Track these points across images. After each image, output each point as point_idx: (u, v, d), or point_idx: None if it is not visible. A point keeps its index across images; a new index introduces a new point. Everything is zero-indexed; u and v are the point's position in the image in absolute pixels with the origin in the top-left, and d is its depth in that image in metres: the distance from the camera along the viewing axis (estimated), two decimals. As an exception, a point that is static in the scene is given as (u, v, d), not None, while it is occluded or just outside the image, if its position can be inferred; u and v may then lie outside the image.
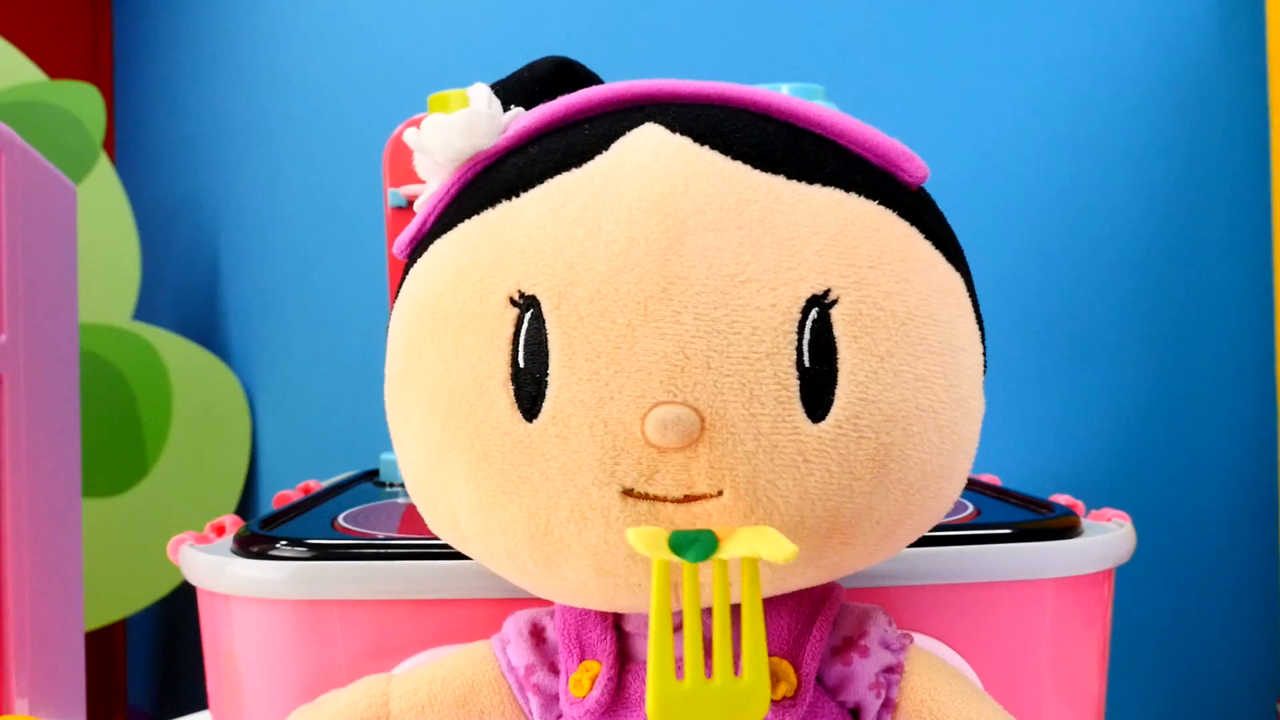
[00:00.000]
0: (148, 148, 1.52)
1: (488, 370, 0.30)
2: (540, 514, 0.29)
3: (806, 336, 0.28)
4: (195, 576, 0.45)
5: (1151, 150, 0.75)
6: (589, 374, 0.28)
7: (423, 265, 0.33)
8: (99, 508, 1.22)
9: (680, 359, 0.28)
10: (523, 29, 1.04)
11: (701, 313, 0.28)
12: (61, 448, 0.69)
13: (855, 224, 0.30)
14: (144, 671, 1.50)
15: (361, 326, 1.11)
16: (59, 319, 0.69)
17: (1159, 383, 0.75)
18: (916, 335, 0.29)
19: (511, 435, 0.29)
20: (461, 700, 0.35)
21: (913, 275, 0.30)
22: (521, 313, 0.29)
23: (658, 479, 0.28)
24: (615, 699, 0.33)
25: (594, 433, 0.28)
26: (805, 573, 0.31)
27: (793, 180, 0.30)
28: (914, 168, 0.32)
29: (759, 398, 0.28)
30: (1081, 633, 0.45)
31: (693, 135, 0.31)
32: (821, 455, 0.28)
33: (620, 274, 0.28)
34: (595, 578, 0.30)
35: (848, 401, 0.28)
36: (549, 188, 0.31)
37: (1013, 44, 0.79)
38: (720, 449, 0.28)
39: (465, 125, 0.32)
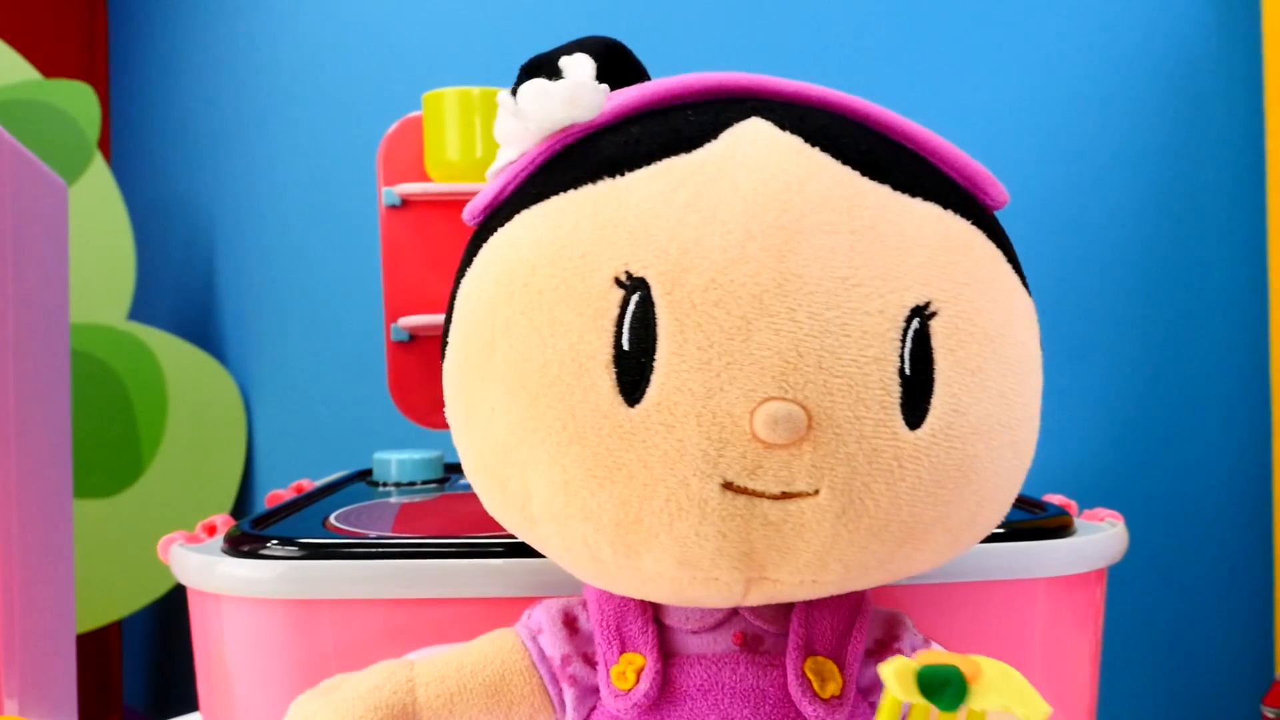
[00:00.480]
0: (143, 147, 1.51)
1: (589, 350, 0.29)
2: (633, 501, 0.29)
3: (908, 345, 0.29)
4: (185, 576, 0.45)
5: (1147, 151, 0.74)
6: (700, 363, 0.28)
7: (508, 234, 0.32)
8: (94, 508, 1.22)
9: (794, 356, 0.28)
10: (518, 28, 1.04)
11: (815, 312, 0.28)
12: (53, 448, 0.69)
13: (953, 240, 0.31)
14: (139, 672, 1.50)
15: (357, 326, 1.10)
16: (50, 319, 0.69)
17: (1154, 383, 0.75)
18: (1002, 353, 0.30)
19: (611, 419, 0.29)
20: (492, 689, 0.35)
21: (1000, 295, 0.31)
22: (628, 294, 0.29)
23: (760, 474, 0.28)
24: (662, 694, 0.33)
25: (701, 423, 0.28)
26: (875, 576, 0.31)
27: (897, 191, 0.31)
28: (996, 192, 0.33)
29: (865, 401, 0.28)
30: (1074, 632, 0.45)
31: (803, 135, 0.31)
32: (915, 462, 0.29)
33: (737, 265, 0.28)
34: (676, 569, 0.30)
35: (942, 412, 0.29)
36: (657, 170, 0.30)
37: (1008, 46, 0.79)
38: (824, 449, 0.28)
39: (569, 95, 0.32)
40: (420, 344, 0.68)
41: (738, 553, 0.29)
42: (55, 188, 0.72)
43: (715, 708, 0.33)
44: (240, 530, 0.46)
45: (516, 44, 1.04)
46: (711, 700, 0.33)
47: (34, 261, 0.65)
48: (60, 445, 0.71)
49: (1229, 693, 0.73)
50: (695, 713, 0.33)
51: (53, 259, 0.70)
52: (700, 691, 0.33)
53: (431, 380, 0.70)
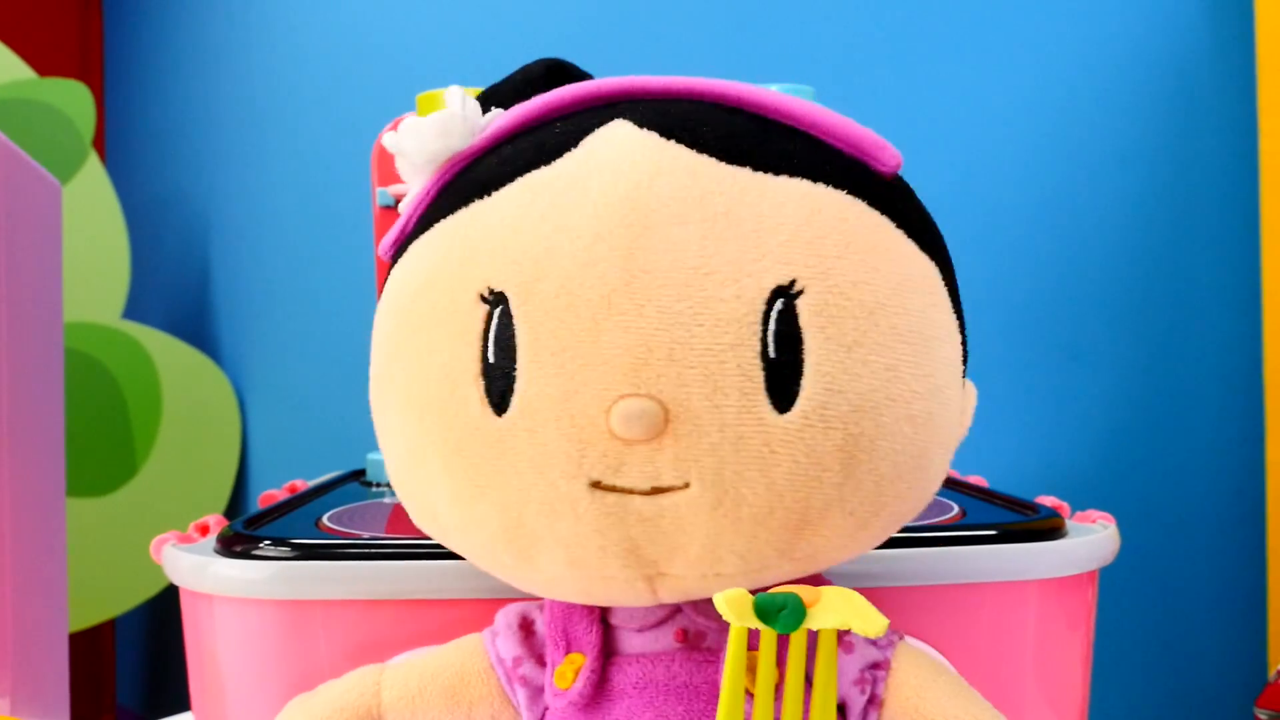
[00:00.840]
0: (137, 146, 1.51)
1: (459, 366, 0.30)
2: (512, 507, 0.30)
3: (772, 327, 0.28)
4: (177, 576, 0.45)
5: (1140, 153, 0.75)
6: (555, 368, 0.28)
7: (401, 266, 0.34)
8: (88, 507, 1.21)
9: (643, 351, 0.28)
10: (512, 28, 1.04)
11: (665, 305, 0.28)
12: (45, 447, 0.69)
13: (822, 214, 0.30)
14: (133, 671, 1.50)
15: (351, 325, 1.10)
16: (43, 318, 0.69)
17: (1147, 384, 0.75)
18: (886, 324, 0.29)
19: (483, 430, 0.29)
20: (450, 691, 0.36)
21: (882, 264, 0.30)
22: (491, 309, 0.30)
23: (624, 471, 0.28)
24: (597, 691, 0.34)
25: (560, 426, 0.28)
26: (780, 565, 0.31)
27: (760, 172, 0.30)
28: (886, 156, 0.32)
29: (723, 389, 0.28)
30: (1065, 634, 0.45)
31: (660, 130, 0.31)
32: (788, 446, 0.28)
33: (585, 269, 0.29)
34: (569, 570, 0.30)
35: (814, 392, 0.28)
36: (519, 186, 0.31)
37: (1001, 47, 0.79)
38: (685, 441, 0.28)
39: (440, 127, 0.33)
40: (414, 344, 0.68)
41: (621, 550, 0.29)
42: (49, 187, 0.72)
43: (650, 705, 0.33)
44: (233, 530, 0.46)
45: (511, 45, 1.04)
46: (647, 697, 0.33)
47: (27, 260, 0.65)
48: (53, 444, 0.71)
49: (1222, 694, 0.73)
50: (631, 710, 0.33)
51: (46, 258, 0.70)
52: (636, 689, 0.33)
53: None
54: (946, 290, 0.33)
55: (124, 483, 1.25)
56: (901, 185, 0.33)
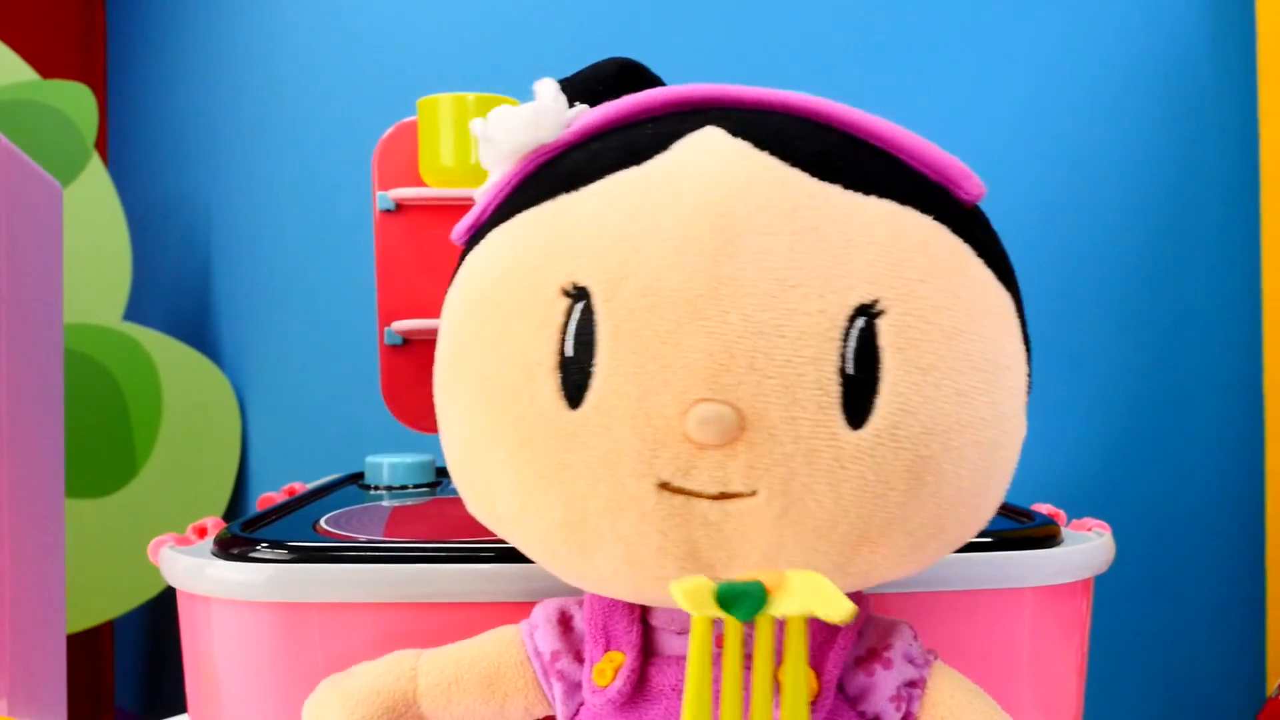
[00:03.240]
0: (140, 148, 1.51)
1: (535, 357, 0.30)
2: (577, 501, 0.30)
3: (852, 344, 0.29)
4: (174, 578, 0.45)
5: (1141, 159, 0.75)
6: (634, 366, 0.29)
7: (478, 253, 0.34)
8: (88, 508, 1.21)
9: (725, 358, 0.28)
10: (513, 33, 1.04)
11: (749, 314, 0.28)
12: (45, 448, 0.69)
13: (908, 237, 0.30)
14: (131, 673, 1.50)
15: (352, 328, 1.10)
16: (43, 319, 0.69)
17: (1146, 392, 0.75)
18: (961, 351, 0.30)
19: (555, 422, 0.30)
20: (487, 681, 0.36)
21: (961, 291, 0.31)
22: (573, 303, 0.30)
23: (694, 474, 0.29)
24: (637, 690, 0.34)
25: (635, 424, 0.29)
26: (835, 580, 0.30)
27: (849, 190, 0.30)
28: (970, 185, 0.33)
29: (800, 401, 0.28)
30: (1060, 641, 0.45)
31: (753, 140, 0.31)
32: (858, 463, 0.29)
33: (672, 271, 0.29)
34: (626, 568, 0.31)
35: (888, 411, 0.29)
36: (608, 183, 0.31)
37: (1003, 54, 0.80)
38: (758, 449, 0.28)
39: (530, 118, 0.33)
40: (414, 348, 0.69)
41: (681, 552, 0.30)
42: (50, 189, 0.72)
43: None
44: (230, 533, 0.46)
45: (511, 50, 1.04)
46: None
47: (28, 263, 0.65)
48: (53, 446, 0.71)
49: (1221, 704, 0.73)
50: (669, 711, 0.33)
51: (47, 261, 0.70)
52: (675, 691, 0.33)
53: (424, 384, 0.70)
54: (1018, 320, 0.33)
55: (124, 484, 1.25)
56: (981, 214, 0.34)
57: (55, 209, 0.73)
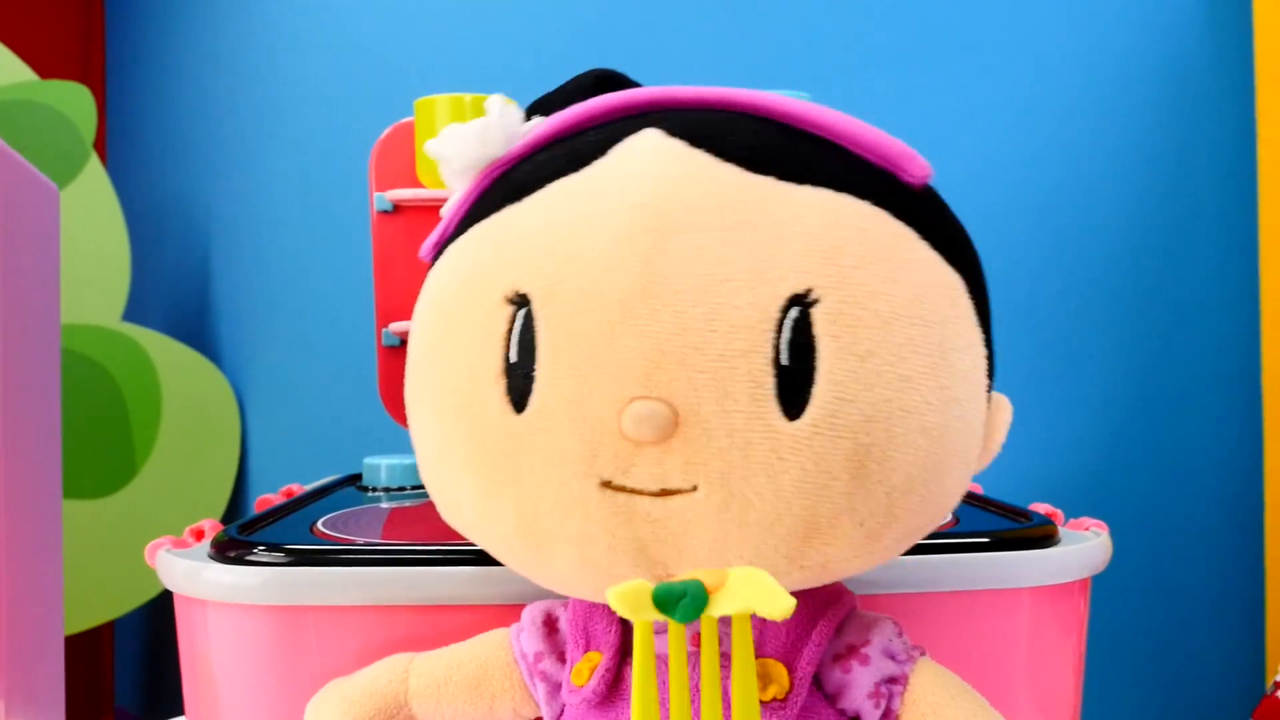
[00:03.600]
0: (138, 148, 1.51)
1: (483, 365, 0.31)
2: (528, 504, 0.30)
3: (785, 335, 0.29)
4: (171, 581, 0.45)
5: (1138, 160, 0.75)
6: (571, 369, 0.29)
7: (438, 268, 0.35)
8: (87, 509, 1.21)
9: (656, 355, 0.28)
10: (510, 35, 1.04)
11: (680, 310, 0.28)
12: (43, 449, 0.69)
13: (843, 224, 0.30)
14: (131, 674, 1.50)
15: (351, 329, 1.10)
16: (40, 321, 0.69)
17: (1145, 391, 0.75)
18: (902, 335, 0.29)
19: (502, 427, 0.30)
20: (474, 682, 0.37)
21: (900, 275, 0.30)
22: (516, 310, 0.30)
23: (634, 472, 0.29)
24: (612, 689, 0.34)
25: (574, 426, 0.29)
26: (790, 574, 0.31)
27: (784, 181, 0.30)
28: (915, 167, 0.32)
29: (733, 395, 0.28)
30: (1058, 641, 0.45)
31: (687, 138, 0.31)
32: (797, 453, 0.29)
33: (606, 273, 0.29)
34: (580, 569, 0.31)
35: (825, 400, 0.29)
36: (548, 192, 0.32)
37: (1000, 53, 0.79)
38: (694, 444, 0.28)
39: (478, 134, 0.34)
40: (411, 349, 0.68)
41: (631, 550, 0.30)
42: (46, 191, 0.72)
43: (665, 705, 0.33)
44: (227, 536, 0.46)
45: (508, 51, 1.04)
46: (662, 698, 0.32)
47: (24, 264, 0.65)
48: (50, 447, 0.71)
49: (1220, 702, 0.73)
50: None
51: (44, 262, 0.70)
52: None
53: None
54: (973, 303, 0.32)
55: (123, 485, 1.25)
56: (931, 196, 0.33)
57: (52, 211, 0.73)
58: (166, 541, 0.47)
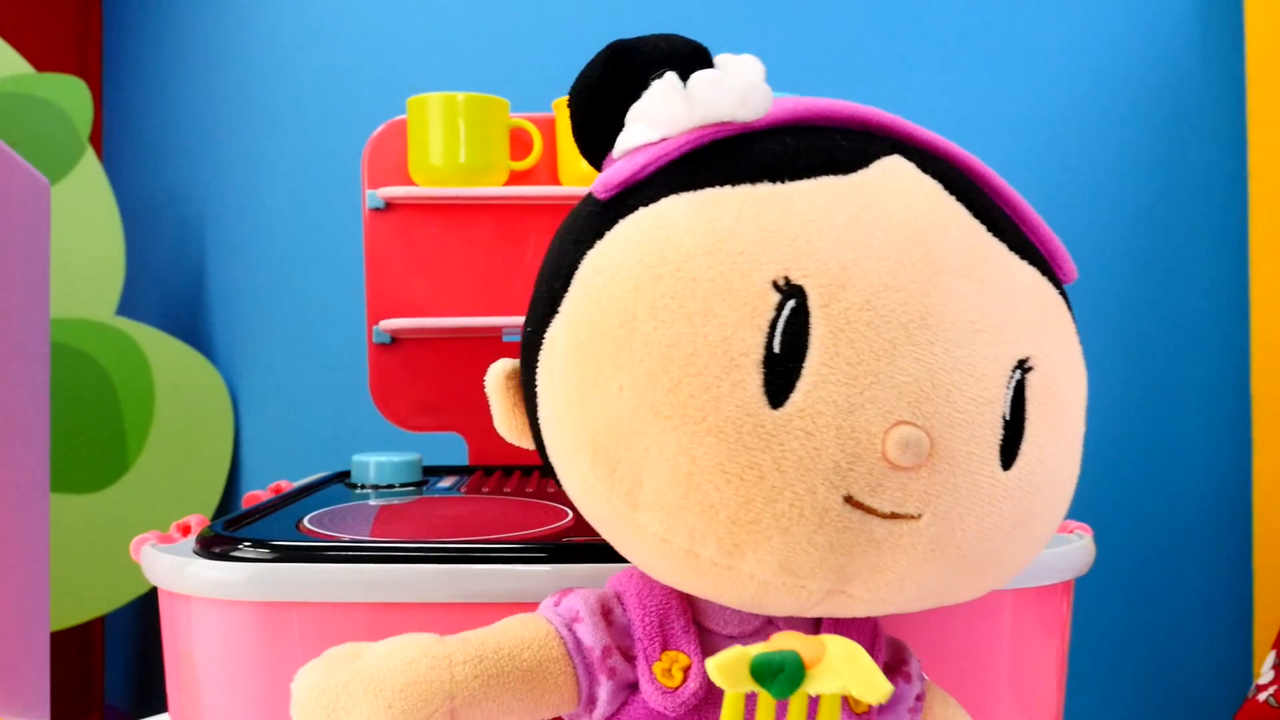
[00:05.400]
0: (134, 143, 1.51)
1: (741, 346, 0.29)
2: (756, 501, 0.29)
3: (1009, 393, 0.31)
4: (156, 577, 0.45)
5: (1129, 165, 0.75)
6: (848, 377, 0.29)
7: (654, 215, 0.31)
8: (78, 504, 1.21)
9: (929, 386, 0.29)
10: (502, 34, 1.04)
11: (949, 348, 0.30)
12: (29, 444, 0.69)
13: (1049, 304, 0.33)
14: (121, 670, 1.49)
15: (344, 326, 1.10)
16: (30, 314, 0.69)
17: (1135, 397, 0.75)
18: (1071, 415, 0.33)
19: (754, 418, 0.29)
20: (529, 675, 0.34)
21: (1075, 362, 0.34)
22: (784, 299, 0.30)
23: (879, 492, 0.29)
24: (710, 693, 0.33)
25: (840, 435, 0.29)
26: (928, 602, 0.32)
27: (1011, 251, 0.33)
28: (1069, 267, 0.35)
29: (977, 438, 0.30)
30: (1040, 643, 0.45)
31: (942, 182, 0.33)
32: (1004, 500, 0.31)
33: (890, 290, 0.30)
34: (774, 574, 0.30)
35: (1029, 458, 0.31)
36: (817, 185, 0.31)
37: (992, 61, 0.80)
38: (938, 477, 0.29)
39: (742, 93, 0.32)
40: (402, 346, 0.69)
41: (837, 564, 0.30)
42: (38, 184, 0.72)
43: (751, 713, 0.32)
44: (213, 531, 0.46)
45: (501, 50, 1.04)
46: (750, 704, 0.32)
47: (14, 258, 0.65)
48: (38, 441, 0.71)
49: (1206, 707, 0.73)
50: None
51: (33, 256, 0.70)
52: None
53: (412, 382, 0.70)
54: None
55: (115, 479, 1.25)
56: None
57: (43, 204, 0.73)
58: (152, 536, 0.47)
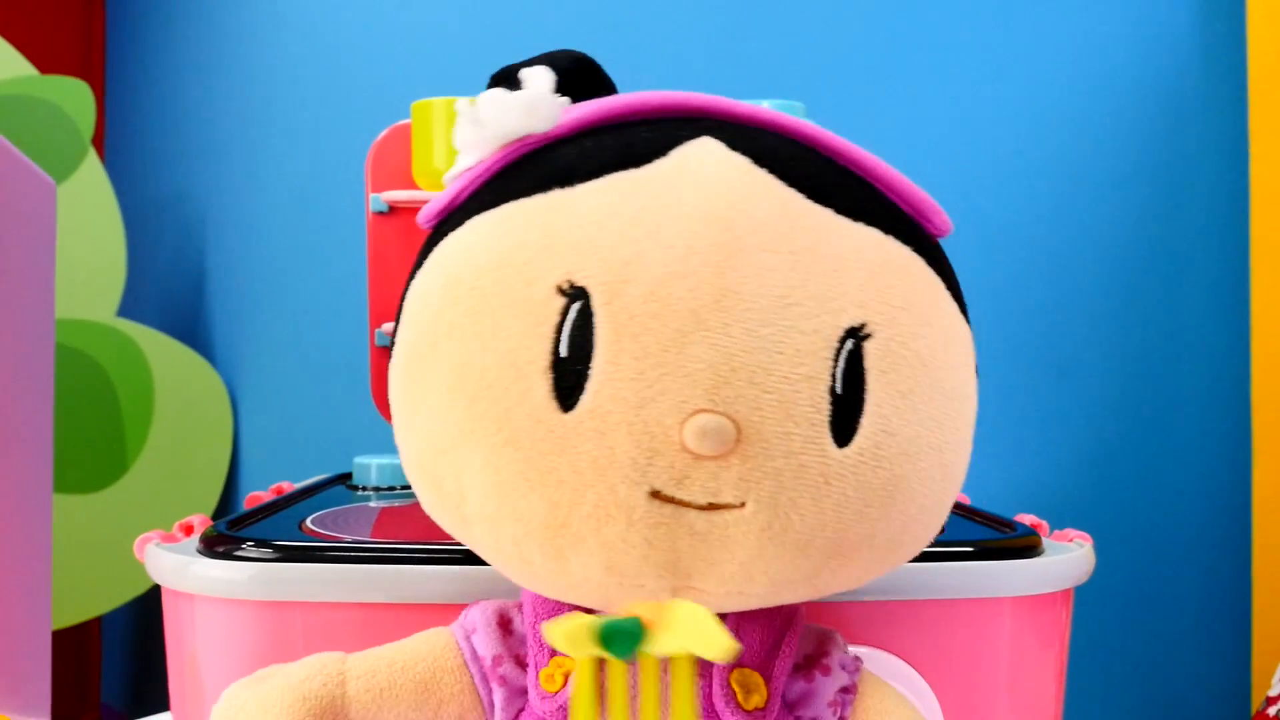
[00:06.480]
0: (137, 145, 1.51)
1: (527, 355, 0.29)
2: (562, 505, 0.29)
3: (841, 365, 0.29)
4: (159, 575, 0.45)
5: (1130, 172, 0.75)
6: (635, 373, 0.29)
7: (458, 239, 0.32)
8: (77, 504, 1.21)
9: (726, 370, 0.28)
10: (507, 39, 1.04)
11: (750, 328, 0.29)
12: (33, 444, 0.69)
13: (892, 265, 0.31)
14: (118, 670, 1.49)
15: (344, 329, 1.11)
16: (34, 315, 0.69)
17: (1135, 403, 0.76)
18: (934, 379, 0.31)
19: (544, 423, 0.29)
20: (422, 686, 0.35)
21: (935, 321, 0.32)
22: (569, 302, 0.29)
23: (687, 484, 0.29)
24: None
25: (632, 431, 0.28)
26: (798, 591, 0.31)
27: (840, 215, 0.31)
28: (940, 220, 0.34)
29: (794, 417, 0.29)
30: (1039, 651, 0.45)
31: (751, 156, 0.31)
32: (842, 480, 0.29)
33: (676, 279, 0.29)
34: (602, 574, 0.30)
35: (871, 431, 0.30)
36: (606, 183, 0.31)
37: (992, 67, 0.80)
38: (751, 462, 0.29)
39: (527, 105, 0.32)
40: (404, 349, 0.69)
41: (663, 560, 0.29)
42: (43, 185, 0.72)
43: (638, 713, 0.33)
44: (216, 531, 0.46)
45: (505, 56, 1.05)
46: (636, 706, 0.33)
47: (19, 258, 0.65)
48: (41, 441, 0.71)
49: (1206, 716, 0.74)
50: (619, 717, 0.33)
51: (39, 256, 0.70)
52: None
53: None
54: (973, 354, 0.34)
55: (114, 480, 1.25)
56: (942, 250, 0.35)
57: (48, 205, 0.73)
58: (155, 536, 0.47)
